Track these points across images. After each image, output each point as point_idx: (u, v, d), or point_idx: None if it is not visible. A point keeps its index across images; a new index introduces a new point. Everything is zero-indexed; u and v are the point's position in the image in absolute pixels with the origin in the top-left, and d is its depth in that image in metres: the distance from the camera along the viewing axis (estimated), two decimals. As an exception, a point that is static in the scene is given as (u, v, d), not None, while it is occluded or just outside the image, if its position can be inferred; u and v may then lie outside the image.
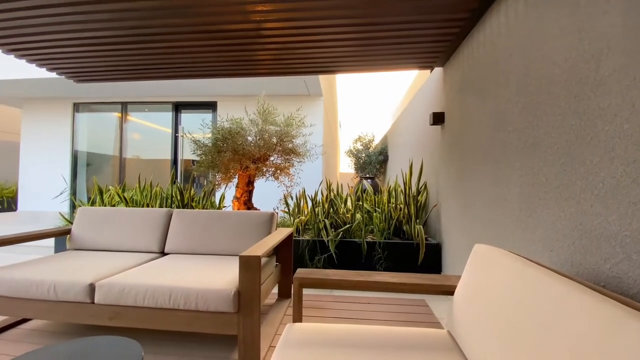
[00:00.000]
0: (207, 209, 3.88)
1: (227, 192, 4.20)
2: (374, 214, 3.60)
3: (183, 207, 3.84)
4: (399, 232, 3.49)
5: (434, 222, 3.57)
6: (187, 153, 6.25)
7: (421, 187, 3.79)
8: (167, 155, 6.33)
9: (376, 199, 3.92)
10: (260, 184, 3.96)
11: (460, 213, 2.71)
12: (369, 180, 7.61)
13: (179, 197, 3.89)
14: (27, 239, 2.22)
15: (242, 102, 5.65)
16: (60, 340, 1.99)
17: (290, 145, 3.54)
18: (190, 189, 4.06)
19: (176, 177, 6.09)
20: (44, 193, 6.53)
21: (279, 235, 2.28)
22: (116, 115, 6.59)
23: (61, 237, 3.35)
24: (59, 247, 3.90)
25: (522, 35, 1.73)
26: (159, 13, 2.37)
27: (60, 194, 6.24)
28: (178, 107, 6.35)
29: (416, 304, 2.63)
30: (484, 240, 2.16)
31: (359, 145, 9.09)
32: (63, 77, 3.77)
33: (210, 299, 1.68)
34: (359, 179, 8.64)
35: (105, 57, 3.19)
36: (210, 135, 3.52)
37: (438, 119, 3.26)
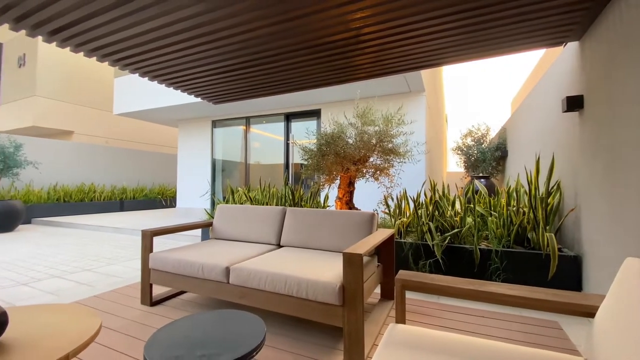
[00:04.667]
0: (313, 207, 4.22)
1: (331, 193, 4.45)
2: (489, 218, 3.20)
3: (294, 206, 4.28)
4: (521, 240, 3.02)
5: (570, 230, 2.95)
6: (297, 157, 6.93)
7: (552, 188, 3.17)
8: (281, 160, 7.15)
9: (492, 201, 3.47)
10: (360, 185, 4.05)
11: (609, 220, 2.17)
12: (482, 180, 6.73)
13: (291, 197, 4.35)
14: (183, 229, 2.88)
15: (342, 107, 5.91)
16: (206, 310, 2.52)
17: (389, 145, 3.50)
18: (300, 190, 4.49)
19: (288, 179, 6.82)
20: (193, 193, 8.30)
21: (379, 235, 2.31)
22: (242, 128, 7.86)
23: (206, 228, 4.23)
24: (204, 236, 4.89)
25: None
26: (274, 37, 2.74)
27: (205, 193, 7.84)
28: (288, 117, 7.11)
29: (545, 325, 2.23)
30: (647, 255, 1.68)
31: (469, 141, 8.12)
32: (205, 100, 4.74)
33: (318, 290, 1.85)
34: (469, 178, 7.76)
35: (234, 81, 3.87)
36: (315, 141, 3.81)
37: (574, 104, 2.69)
